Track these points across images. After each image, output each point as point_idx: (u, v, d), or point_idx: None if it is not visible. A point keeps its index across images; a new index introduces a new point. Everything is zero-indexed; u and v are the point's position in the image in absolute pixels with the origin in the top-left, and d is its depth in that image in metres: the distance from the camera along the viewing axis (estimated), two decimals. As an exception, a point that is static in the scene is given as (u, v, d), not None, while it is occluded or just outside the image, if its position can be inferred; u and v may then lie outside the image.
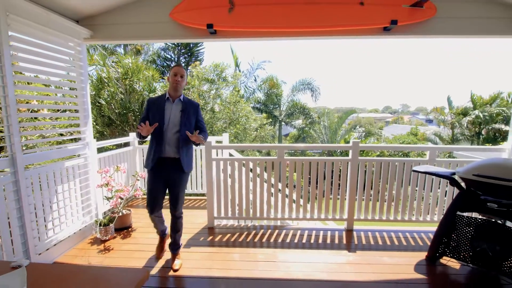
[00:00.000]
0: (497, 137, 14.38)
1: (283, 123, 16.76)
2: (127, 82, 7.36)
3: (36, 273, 1.20)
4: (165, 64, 15.48)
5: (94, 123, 7.32)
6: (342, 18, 2.67)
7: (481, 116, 14.37)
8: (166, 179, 2.46)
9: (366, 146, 3.84)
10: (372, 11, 2.64)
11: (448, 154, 11.82)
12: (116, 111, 7.31)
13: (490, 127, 14.53)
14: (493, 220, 2.45)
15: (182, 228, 2.64)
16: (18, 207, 2.31)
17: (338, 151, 14.46)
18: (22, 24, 2.33)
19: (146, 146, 4.55)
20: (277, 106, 16.20)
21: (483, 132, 15.04)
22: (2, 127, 2.22)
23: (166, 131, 2.38)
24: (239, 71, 14.42)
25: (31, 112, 3.62)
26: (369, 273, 2.52)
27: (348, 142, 14.33)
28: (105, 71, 7.32)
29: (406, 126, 29.93)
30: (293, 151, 14.46)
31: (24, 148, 4.34)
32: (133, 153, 4.45)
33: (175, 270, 2.49)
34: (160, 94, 2.56)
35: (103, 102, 7.24)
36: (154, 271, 2.50)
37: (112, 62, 7.78)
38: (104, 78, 7.25)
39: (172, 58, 15.40)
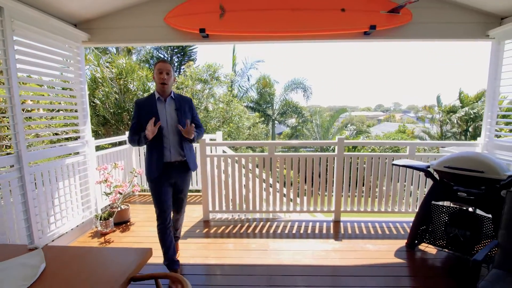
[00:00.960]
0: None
1: (276, 121, 16.99)
2: (121, 82, 7.47)
3: (51, 254, 1.36)
4: (158, 63, 15.52)
5: (89, 123, 7.40)
6: (326, 23, 2.89)
7: (471, 112, 14.80)
8: (173, 183, 2.34)
9: (350, 142, 4.09)
10: (352, 17, 2.86)
11: (437, 151, 12.18)
12: (110, 110, 7.41)
13: (476, 125, 15.00)
14: (465, 208, 2.69)
15: (182, 224, 2.68)
16: (23, 201, 2.46)
17: (331, 148, 14.75)
18: (25, 29, 2.47)
19: (142, 145, 4.69)
20: (270, 105, 16.41)
21: (470, 129, 15.52)
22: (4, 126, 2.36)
23: (167, 134, 2.21)
24: (235, 72, 14.57)
25: (28, 112, 3.74)
26: (353, 258, 2.73)
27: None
28: (99, 71, 7.42)
29: (396, 124, 30.48)
30: (286, 149, 14.70)
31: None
32: (129, 151, 4.59)
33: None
34: (148, 95, 2.33)
35: (98, 102, 7.33)
36: (153, 260, 2.66)
37: (106, 62, 7.87)
38: (99, 78, 7.34)
39: (166, 58, 15.45)
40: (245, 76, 15.79)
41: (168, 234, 2.34)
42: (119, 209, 3.44)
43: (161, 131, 2.18)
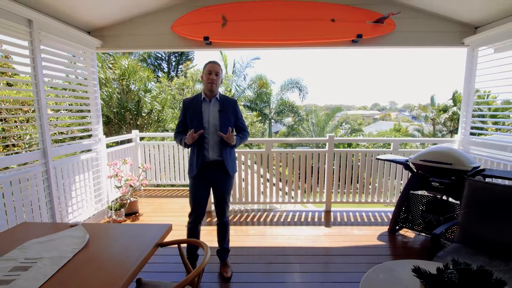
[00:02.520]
0: (473, 133, 15.37)
1: (273, 120, 17.33)
2: (123, 82, 7.75)
3: (90, 228, 1.67)
4: (156, 63, 15.79)
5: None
6: (317, 33, 3.24)
7: (458, 112, 15.31)
8: (211, 183, 2.39)
9: (340, 139, 4.43)
10: (341, 27, 3.21)
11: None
12: (113, 110, 7.69)
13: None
14: (439, 196, 3.05)
15: (229, 234, 2.65)
16: (48, 192, 2.77)
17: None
18: (49, 39, 2.77)
19: (147, 142, 5.01)
20: (266, 104, 16.74)
21: (461, 128, 16.01)
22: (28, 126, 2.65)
23: (208, 134, 2.26)
24: (233, 73, 14.85)
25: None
26: (341, 241, 3.08)
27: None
28: (103, 72, 7.69)
29: (391, 122, 31.02)
30: (283, 147, 15.06)
31: (32, 144, 4.71)
32: (136, 149, 4.89)
33: (228, 278, 2.46)
34: (195, 94, 2.37)
35: (102, 102, 7.61)
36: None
37: (109, 63, 8.14)
38: (102, 79, 7.61)
39: (163, 57, 15.71)
40: (241, 75, 16.10)
41: (197, 234, 2.50)
42: (129, 201, 3.75)
43: (202, 132, 2.23)
